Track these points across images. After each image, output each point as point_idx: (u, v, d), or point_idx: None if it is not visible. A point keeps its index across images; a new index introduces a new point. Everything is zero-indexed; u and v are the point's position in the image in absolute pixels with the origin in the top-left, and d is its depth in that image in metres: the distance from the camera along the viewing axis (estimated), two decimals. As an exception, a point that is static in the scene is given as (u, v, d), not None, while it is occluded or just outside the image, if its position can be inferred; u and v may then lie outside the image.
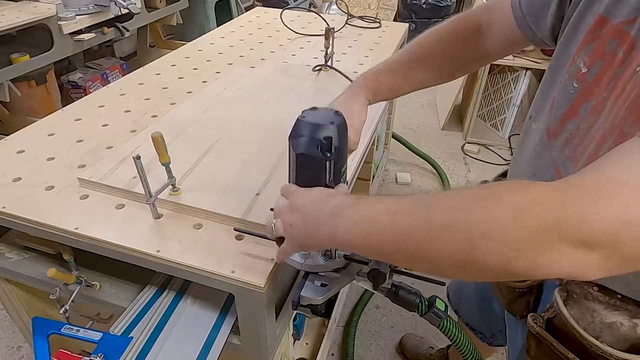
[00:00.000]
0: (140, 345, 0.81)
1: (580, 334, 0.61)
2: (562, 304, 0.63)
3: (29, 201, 0.91)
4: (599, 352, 0.59)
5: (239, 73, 1.50)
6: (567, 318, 0.62)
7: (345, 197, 0.55)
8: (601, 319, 0.60)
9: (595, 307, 0.61)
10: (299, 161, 0.65)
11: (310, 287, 0.73)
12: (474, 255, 0.42)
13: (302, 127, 0.66)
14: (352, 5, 4.54)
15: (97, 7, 2.32)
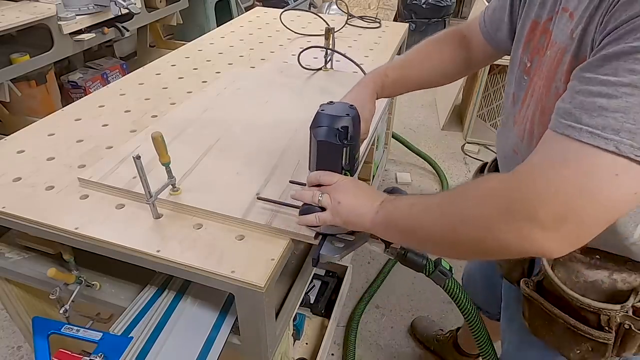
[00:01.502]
0: (140, 345, 0.81)
1: (563, 289, 0.69)
2: (548, 267, 0.71)
3: (29, 201, 0.91)
4: (580, 305, 0.67)
5: (239, 73, 1.50)
6: (552, 278, 0.70)
7: (386, 195, 0.72)
8: (585, 279, 0.68)
9: (579, 268, 0.69)
10: (319, 148, 0.78)
11: (328, 247, 0.81)
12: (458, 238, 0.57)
13: (322, 119, 0.77)
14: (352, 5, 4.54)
15: (97, 7, 2.32)
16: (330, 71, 1.55)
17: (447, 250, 0.63)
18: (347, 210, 0.73)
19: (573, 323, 0.69)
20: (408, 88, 0.98)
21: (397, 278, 1.99)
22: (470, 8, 3.47)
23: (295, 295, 0.97)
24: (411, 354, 1.68)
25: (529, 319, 0.78)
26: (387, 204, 0.69)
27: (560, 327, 0.72)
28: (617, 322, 0.67)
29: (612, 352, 0.69)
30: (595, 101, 0.48)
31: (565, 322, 0.70)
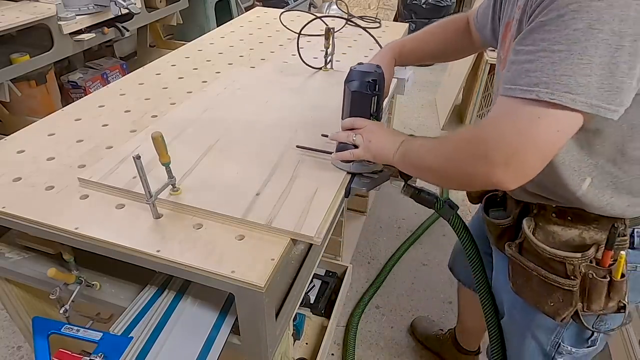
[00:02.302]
0: (140, 345, 0.81)
1: (536, 243, 0.80)
2: (529, 231, 0.83)
3: (29, 201, 0.91)
4: (548, 256, 0.79)
5: (239, 73, 1.50)
6: (530, 237, 0.82)
7: (405, 136, 0.89)
8: (559, 239, 0.80)
9: (555, 230, 0.81)
10: (353, 97, 0.97)
11: (357, 182, 0.99)
12: (447, 172, 0.76)
13: (355, 74, 0.96)
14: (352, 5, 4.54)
15: (97, 7, 2.32)
16: (330, 71, 1.55)
17: (442, 180, 0.84)
18: (376, 147, 0.91)
19: (544, 274, 0.81)
20: (420, 60, 1.17)
21: (397, 278, 1.99)
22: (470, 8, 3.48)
23: (295, 295, 0.97)
24: (411, 354, 1.68)
25: (512, 278, 0.90)
26: (405, 143, 0.87)
27: (535, 281, 0.83)
28: (582, 272, 0.77)
29: (580, 301, 0.79)
30: (522, 66, 0.63)
31: (539, 275, 0.81)
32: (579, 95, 0.58)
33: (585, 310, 0.80)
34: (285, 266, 0.85)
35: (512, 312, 0.99)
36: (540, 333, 0.92)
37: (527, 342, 0.96)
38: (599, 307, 0.79)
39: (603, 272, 0.76)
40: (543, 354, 0.94)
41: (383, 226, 2.30)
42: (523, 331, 0.96)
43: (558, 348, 0.91)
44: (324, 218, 0.86)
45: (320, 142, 1.08)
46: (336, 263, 1.83)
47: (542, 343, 0.93)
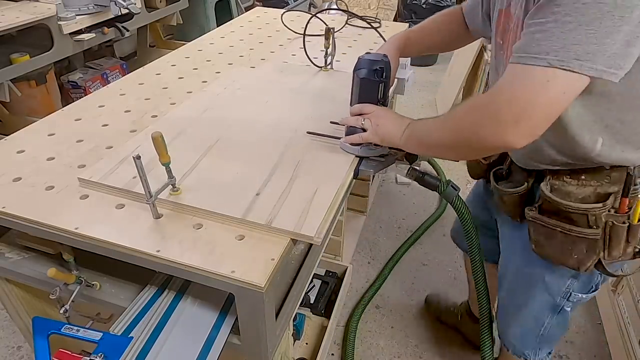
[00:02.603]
0: (140, 345, 0.81)
1: (559, 201, 0.85)
2: (546, 191, 0.88)
3: (29, 201, 0.91)
4: (571, 210, 0.84)
5: (239, 73, 1.50)
6: (550, 196, 0.87)
7: (410, 119, 0.96)
8: (576, 197, 0.86)
9: (570, 190, 0.86)
10: (361, 84, 1.05)
11: (365, 165, 1.05)
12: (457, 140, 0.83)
13: (363, 62, 1.03)
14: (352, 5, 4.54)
15: (97, 7, 2.32)
16: (330, 71, 1.55)
17: (450, 151, 0.90)
18: (383, 131, 0.98)
19: (568, 227, 0.86)
20: (421, 51, 1.25)
21: (397, 278, 1.99)
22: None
23: (295, 295, 0.97)
24: (411, 354, 1.68)
25: (534, 239, 0.93)
26: (411, 125, 0.95)
27: (558, 237, 0.88)
28: (603, 221, 0.83)
29: (603, 250, 0.85)
30: (533, 37, 0.69)
31: (562, 230, 0.87)
32: (586, 61, 0.65)
33: (607, 258, 0.86)
34: (285, 266, 0.86)
35: (522, 273, 1.05)
36: (552, 286, 0.99)
37: (537, 298, 1.03)
38: (619, 253, 0.85)
39: (622, 218, 0.83)
40: (552, 306, 1.03)
41: (383, 226, 2.30)
42: (533, 289, 1.03)
43: (569, 297, 1.00)
44: (324, 218, 0.86)
45: (330, 129, 1.16)
46: (336, 263, 1.83)
47: (554, 296, 1.00)
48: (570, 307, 1.02)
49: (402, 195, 2.54)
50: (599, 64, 0.66)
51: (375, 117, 1.01)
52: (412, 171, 1.05)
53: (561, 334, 1.12)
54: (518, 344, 1.16)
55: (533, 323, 1.09)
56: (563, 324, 1.08)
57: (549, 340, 1.12)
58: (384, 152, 1.06)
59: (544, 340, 1.11)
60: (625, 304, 1.63)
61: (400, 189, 2.59)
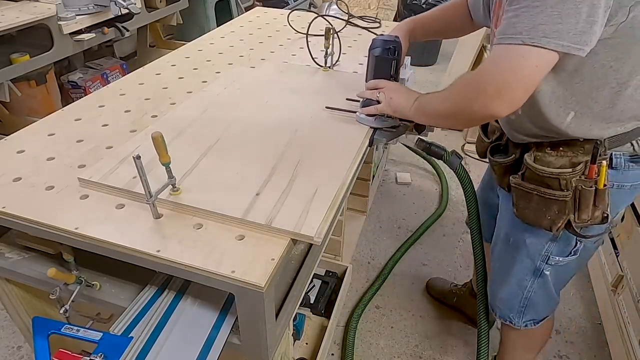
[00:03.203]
0: (140, 345, 0.81)
1: (536, 167, 0.96)
2: (528, 159, 0.99)
3: (29, 201, 0.91)
4: (545, 174, 0.95)
5: (239, 73, 1.50)
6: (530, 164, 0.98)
7: (419, 93, 1.09)
8: (554, 166, 0.96)
9: (550, 160, 0.96)
10: (376, 61, 1.20)
11: (378, 134, 1.19)
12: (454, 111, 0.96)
13: (378, 42, 1.19)
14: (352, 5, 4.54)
15: (97, 7, 2.32)
16: (330, 71, 1.55)
17: (450, 121, 1.03)
18: (395, 103, 1.12)
19: (542, 191, 0.97)
20: (428, 36, 1.37)
21: (397, 278, 1.99)
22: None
23: (295, 295, 0.97)
24: (411, 354, 1.68)
25: (515, 204, 1.05)
26: (420, 98, 1.07)
27: (535, 199, 0.99)
28: (573, 185, 0.94)
29: (573, 212, 0.96)
30: (510, 21, 0.81)
31: (538, 193, 0.98)
32: (552, 38, 0.77)
33: (577, 221, 0.97)
34: (285, 266, 0.86)
35: (508, 239, 1.16)
36: (533, 249, 1.10)
37: (519, 261, 1.14)
38: (587, 216, 0.96)
39: (589, 182, 0.93)
40: (533, 270, 1.13)
41: (383, 226, 2.30)
42: (517, 252, 1.14)
43: (547, 260, 1.10)
44: (324, 218, 0.86)
45: (346, 105, 1.28)
46: (336, 263, 1.83)
47: (534, 258, 1.11)
48: (549, 270, 1.12)
49: (402, 195, 2.54)
50: (564, 40, 0.77)
51: (388, 90, 1.14)
52: (419, 142, 1.19)
53: (544, 302, 1.20)
54: (504, 308, 1.25)
55: (517, 287, 1.18)
56: (544, 290, 1.17)
57: (533, 306, 1.20)
58: (395, 123, 1.19)
59: (527, 305, 1.20)
60: (625, 304, 1.63)
61: (400, 189, 2.59)
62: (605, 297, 1.80)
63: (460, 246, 2.18)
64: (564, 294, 1.92)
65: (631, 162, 0.96)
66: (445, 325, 1.79)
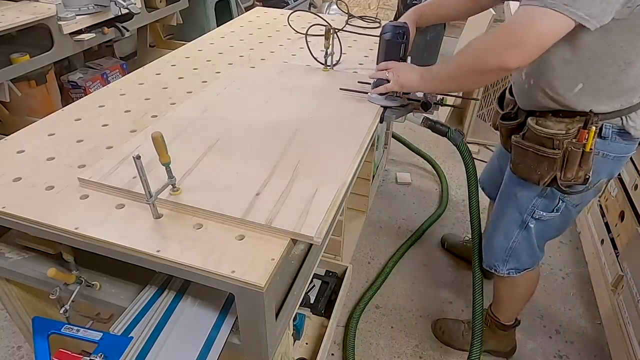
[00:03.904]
0: (140, 345, 0.81)
1: (535, 127, 1.08)
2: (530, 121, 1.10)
3: (29, 201, 0.91)
4: (542, 134, 1.07)
5: (239, 73, 1.50)
6: (532, 125, 1.09)
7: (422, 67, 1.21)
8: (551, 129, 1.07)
9: (549, 124, 1.08)
10: (387, 44, 1.32)
11: (388, 112, 1.31)
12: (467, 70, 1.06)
13: (388, 27, 1.32)
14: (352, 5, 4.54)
15: (97, 7, 2.32)
16: (330, 71, 1.55)
17: (462, 79, 1.10)
18: (402, 78, 1.23)
19: (537, 148, 1.08)
20: (437, 20, 1.46)
21: (397, 278, 1.99)
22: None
23: (295, 295, 0.97)
24: (411, 354, 1.68)
25: (513, 160, 1.17)
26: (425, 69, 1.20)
27: (530, 156, 1.11)
28: (564, 146, 1.05)
29: (560, 170, 1.08)
30: None
31: (533, 150, 1.09)
32: (570, 7, 0.86)
33: (562, 178, 1.09)
34: (285, 266, 0.85)
35: (503, 193, 1.30)
36: (522, 202, 1.23)
37: (509, 213, 1.28)
38: (572, 175, 1.08)
39: (578, 145, 1.04)
40: (520, 222, 1.26)
41: (383, 226, 2.30)
42: (508, 205, 1.27)
43: (533, 214, 1.22)
44: (324, 218, 0.86)
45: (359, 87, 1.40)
46: (336, 263, 1.83)
47: (522, 211, 1.24)
48: (533, 224, 1.25)
49: (402, 195, 2.54)
50: (580, 11, 0.87)
51: (396, 69, 1.25)
52: (425, 120, 1.32)
53: (527, 253, 1.33)
54: (491, 257, 1.39)
55: (504, 237, 1.32)
56: (528, 242, 1.30)
57: (516, 256, 1.34)
58: (403, 102, 1.33)
59: (511, 255, 1.34)
60: (625, 304, 1.63)
61: (400, 189, 2.59)
62: (605, 297, 1.80)
63: (460, 246, 2.18)
64: (564, 294, 1.93)
65: (618, 135, 1.07)
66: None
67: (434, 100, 1.33)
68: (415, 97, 1.33)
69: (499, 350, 1.65)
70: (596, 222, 2.03)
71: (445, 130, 1.31)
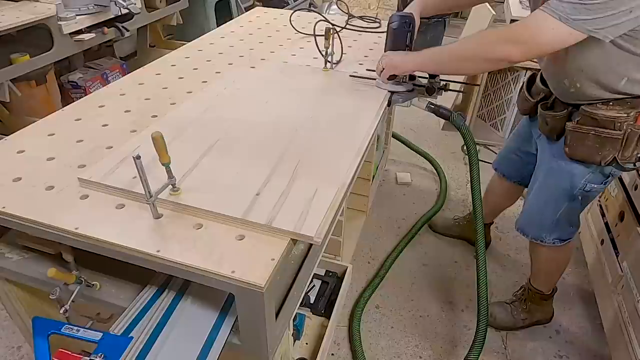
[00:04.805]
0: (140, 345, 0.81)
1: (596, 113, 1.18)
2: (587, 108, 1.20)
3: (29, 201, 0.91)
4: (604, 118, 1.17)
5: (239, 73, 1.50)
6: (588, 111, 1.19)
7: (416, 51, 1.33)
8: (605, 116, 1.17)
9: (601, 111, 1.18)
10: (394, 33, 1.41)
11: (395, 97, 1.42)
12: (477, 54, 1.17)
13: (395, 17, 1.40)
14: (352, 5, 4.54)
15: (97, 7, 2.32)
16: (330, 71, 1.55)
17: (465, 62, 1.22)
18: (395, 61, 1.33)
19: (600, 130, 1.19)
20: (442, 10, 1.56)
21: (397, 278, 1.99)
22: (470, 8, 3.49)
23: (295, 295, 0.97)
24: (411, 354, 1.68)
25: (569, 144, 1.26)
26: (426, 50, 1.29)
27: (590, 139, 1.21)
28: (624, 128, 1.16)
29: (620, 147, 1.18)
30: None
31: (595, 132, 1.20)
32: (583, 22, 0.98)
33: (621, 157, 1.20)
34: (285, 266, 0.85)
35: (550, 174, 1.39)
36: (576, 178, 1.32)
37: (560, 190, 1.37)
38: (629, 154, 1.20)
39: (637, 127, 1.16)
40: (570, 195, 1.36)
41: (383, 226, 2.30)
42: (559, 183, 1.36)
43: (585, 187, 1.32)
44: (324, 218, 0.86)
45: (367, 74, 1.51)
46: (336, 263, 1.83)
47: (574, 185, 1.33)
48: (581, 196, 1.36)
49: (402, 195, 2.54)
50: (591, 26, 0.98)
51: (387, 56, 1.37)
52: (429, 104, 1.40)
53: (569, 224, 1.46)
54: (538, 229, 1.49)
55: (552, 211, 1.43)
56: (572, 213, 1.42)
57: (560, 226, 1.45)
58: (409, 87, 1.43)
59: (556, 225, 1.45)
60: (625, 304, 1.63)
61: (400, 189, 2.59)
62: (605, 297, 1.80)
63: (460, 247, 2.18)
64: (564, 294, 1.93)
65: None
66: (446, 325, 1.79)
67: (437, 86, 1.42)
68: (420, 83, 1.44)
69: (543, 319, 1.78)
70: (596, 222, 2.03)
71: (448, 114, 1.39)
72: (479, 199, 1.57)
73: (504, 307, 1.79)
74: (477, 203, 1.57)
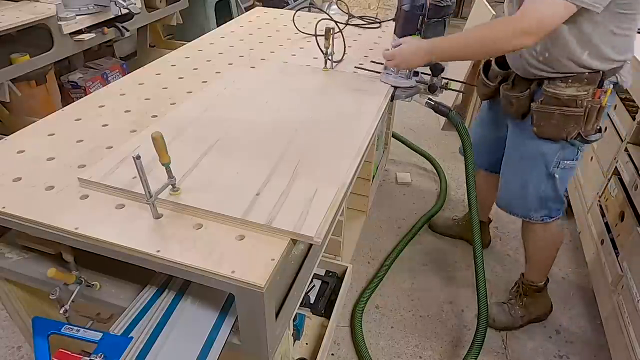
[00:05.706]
0: (140, 345, 0.81)
1: (558, 93, 1.26)
2: (549, 88, 1.28)
3: (29, 201, 0.91)
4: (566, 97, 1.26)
5: (239, 73, 1.50)
6: (551, 91, 1.27)
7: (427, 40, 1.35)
8: (565, 92, 1.26)
9: (562, 89, 1.27)
10: (405, 16, 1.38)
11: (398, 92, 1.44)
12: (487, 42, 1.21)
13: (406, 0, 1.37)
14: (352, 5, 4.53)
15: (97, 7, 2.32)
16: (330, 71, 1.55)
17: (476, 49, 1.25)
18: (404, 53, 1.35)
19: (565, 109, 1.27)
20: None
21: (397, 278, 1.99)
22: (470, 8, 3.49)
23: (295, 295, 0.97)
24: (411, 354, 1.68)
25: (536, 124, 1.33)
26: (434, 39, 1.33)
27: (556, 117, 1.29)
28: (584, 104, 1.25)
29: (583, 122, 1.28)
30: None
31: (560, 111, 1.28)
32: None
33: (584, 131, 1.29)
34: (285, 266, 0.85)
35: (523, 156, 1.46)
36: (549, 157, 1.39)
37: (536, 169, 1.43)
38: (590, 127, 1.29)
39: (596, 102, 1.25)
40: (547, 174, 1.43)
41: (383, 226, 2.30)
42: (534, 163, 1.43)
43: (559, 165, 1.40)
44: (324, 218, 0.86)
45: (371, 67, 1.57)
46: (336, 263, 1.83)
47: (549, 164, 1.40)
48: (558, 173, 1.42)
49: (402, 195, 2.54)
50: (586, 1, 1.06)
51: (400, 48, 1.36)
52: (428, 103, 1.44)
53: (554, 200, 1.50)
54: (524, 209, 1.55)
55: (534, 190, 1.48)
56: (554, 190, 1.47)
57: (546, 203, 1.51)
58: (412, 84, 1.45)
59: (542, 202, 1.51)
60: (625, 304, 1.62)
61: (400, 189, 2.59)
62: (605, 297, 1.80)
63: (460, 247, 2.18)
64: (564, 294, 1.93)
65: (613, 90, 1.30)
66: (446, 325, 1.79)
67: (439, 84, 1.43)
68: (423, 80, 1.46)
69: (542, 313, 1.80)
70: (596, 222, 2.03)
71: (446, 111, 1.42)
72: (474, 196, 1.60)
73: (502, 307, 1.79)
74: (472, 201, 1.60)
